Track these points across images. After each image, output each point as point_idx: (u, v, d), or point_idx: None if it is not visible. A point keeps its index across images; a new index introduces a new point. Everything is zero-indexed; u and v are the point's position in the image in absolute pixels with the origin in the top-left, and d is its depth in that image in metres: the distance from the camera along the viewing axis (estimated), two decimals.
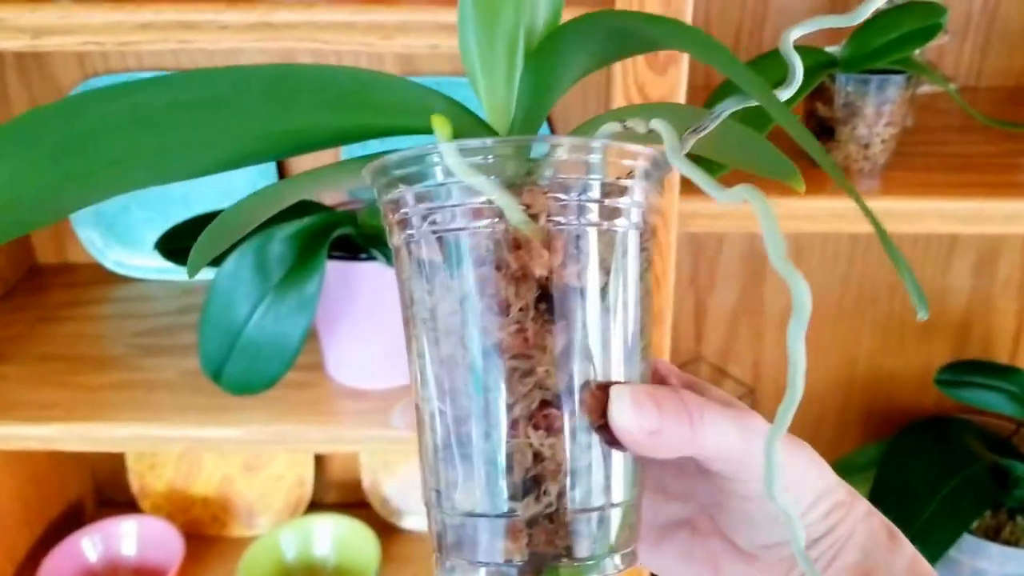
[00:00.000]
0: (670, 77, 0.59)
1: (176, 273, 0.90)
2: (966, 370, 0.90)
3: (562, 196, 0.28)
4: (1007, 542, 0.85)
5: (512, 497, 0.28)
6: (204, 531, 1.04)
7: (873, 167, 0.71)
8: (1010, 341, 0.96)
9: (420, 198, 0.29)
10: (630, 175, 0.29)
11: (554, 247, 0.28)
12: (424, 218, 0.29)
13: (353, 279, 0.71)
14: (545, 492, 0.28)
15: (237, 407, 0.73)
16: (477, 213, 0.28)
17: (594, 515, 0.29)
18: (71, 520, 1.02)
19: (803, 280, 0.22)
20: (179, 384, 0.77)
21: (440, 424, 0.29)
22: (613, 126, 0.30)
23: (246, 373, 0.68)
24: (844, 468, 0.92)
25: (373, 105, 0.29)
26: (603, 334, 0.29)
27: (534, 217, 0.28)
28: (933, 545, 0.80)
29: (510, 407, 0.28)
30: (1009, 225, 0.66)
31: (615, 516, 0.29)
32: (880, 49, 0.66)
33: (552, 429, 0.28)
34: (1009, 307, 0.94)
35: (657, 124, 0.28)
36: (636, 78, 0.59)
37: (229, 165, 0.28)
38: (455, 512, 0.29)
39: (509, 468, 0.28)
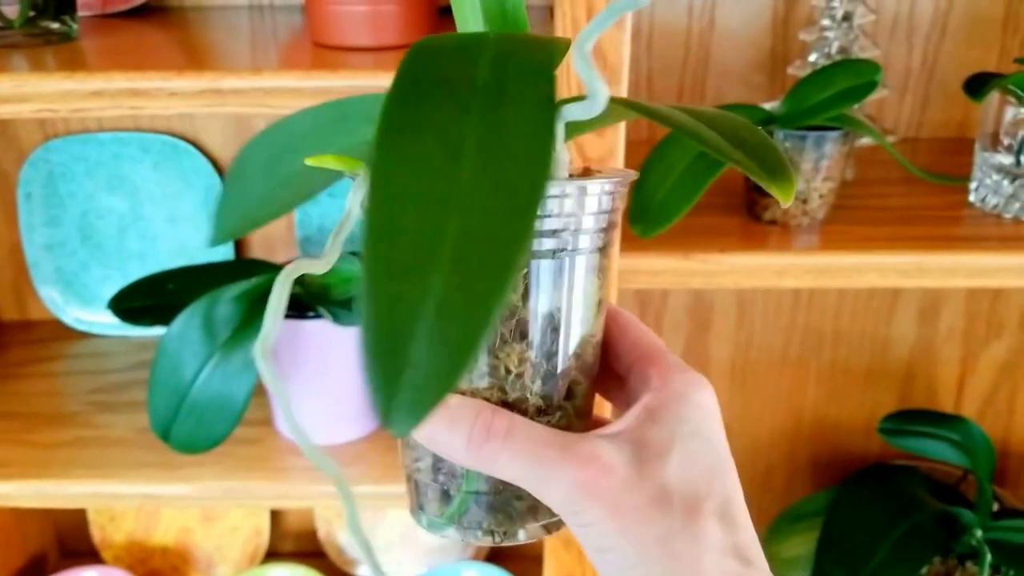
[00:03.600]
0: (607, 139, 0.60)
1: (133, 329, 0.92)
2: (909, 419, 0.91)
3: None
4: None
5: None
6: None
7: (812, 222, 0.71)
8: (954, 390, 0.97)
9: None
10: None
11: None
12: None
13: (301, 337, 0.72)
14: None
15: (189, 464, 0.74)
16: None
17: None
18: (34, 572, 1.02)
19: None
20: (133, 441, 0.78)
21: None
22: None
23: (193, 433, 0.69)
24: (793, 516, 0.92)
25: None
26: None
27: None
28: None
29: None
30: (948, 279, 0.66)
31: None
32: (817, 106, 0.67)
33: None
34: (953, 355, 0.95)
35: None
36: (576, 140, 0.60)
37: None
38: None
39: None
